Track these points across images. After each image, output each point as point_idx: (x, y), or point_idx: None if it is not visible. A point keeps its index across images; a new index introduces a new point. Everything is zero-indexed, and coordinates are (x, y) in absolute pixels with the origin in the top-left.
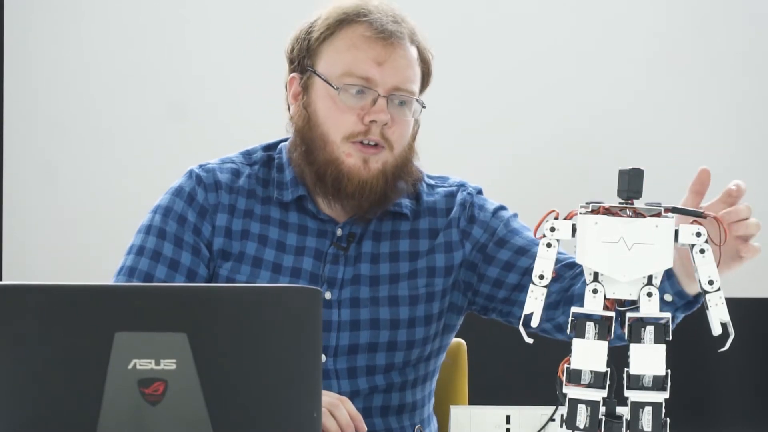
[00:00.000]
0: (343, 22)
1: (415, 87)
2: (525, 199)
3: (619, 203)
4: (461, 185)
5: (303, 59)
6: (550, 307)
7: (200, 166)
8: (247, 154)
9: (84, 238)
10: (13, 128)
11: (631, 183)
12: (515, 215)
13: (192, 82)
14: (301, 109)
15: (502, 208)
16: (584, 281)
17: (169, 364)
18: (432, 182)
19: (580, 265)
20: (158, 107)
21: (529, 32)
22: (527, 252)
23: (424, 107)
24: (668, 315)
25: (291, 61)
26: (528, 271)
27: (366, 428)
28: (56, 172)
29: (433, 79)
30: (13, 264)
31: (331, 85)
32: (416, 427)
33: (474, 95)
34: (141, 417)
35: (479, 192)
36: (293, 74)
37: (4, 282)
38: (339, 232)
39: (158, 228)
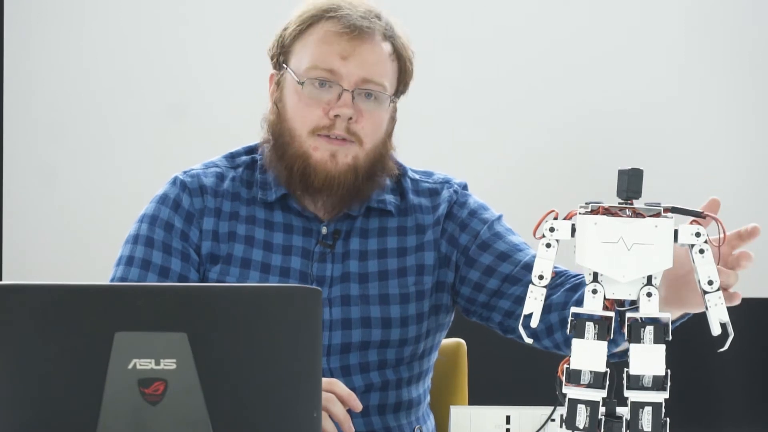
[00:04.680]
0: (314, 17)
1: (386, 81)
2: (524, 199)
3: (619, 203)
4: (446, 181)
5: (279, 56)
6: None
7: (184, 172)
8: (231, 158)
9: (84, 238)
10: (13, 128)
11: (630, 183)
12: (500, 217)
13: (191, 83)
14: (273, 104)
15: (484, 208)
16: (566, 289)
17: (169, 364)
18: (417, 177)
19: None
20: (158, 108)
21: (533, 29)
22: (509, 258)
23: (393, 101)
24: (668, 315)
25: (271, 59)
26: (508, 278)
27: (361, 405)
28: (56, 172)
29: (437, 77)
30: (13, 264)
31: (297, 79)
32: (416, 427)
33: (474, 94)
34: (141, 417)
35: (464, 187)
36: (272, 72)
37: (4, 282)
38: (324, 230)
39: (146, 237)
